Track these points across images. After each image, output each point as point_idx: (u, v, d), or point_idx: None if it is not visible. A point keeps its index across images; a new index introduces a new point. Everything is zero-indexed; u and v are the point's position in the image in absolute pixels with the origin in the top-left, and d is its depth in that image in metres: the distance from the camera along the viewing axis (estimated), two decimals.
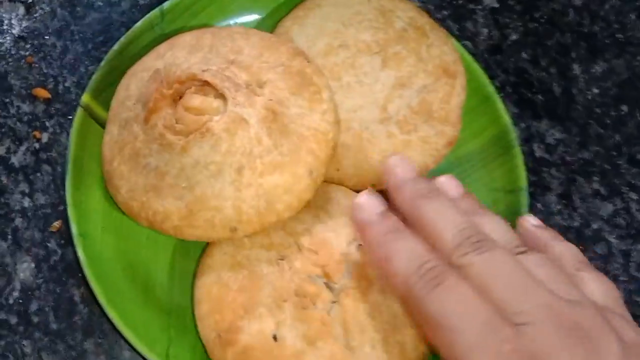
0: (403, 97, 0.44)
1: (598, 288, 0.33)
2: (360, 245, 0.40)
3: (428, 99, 0.44)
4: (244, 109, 0.38)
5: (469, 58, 0.47)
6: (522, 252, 0.33)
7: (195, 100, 0.37)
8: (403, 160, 0.36)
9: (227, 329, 0.38)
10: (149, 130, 0.38)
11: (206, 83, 0.38)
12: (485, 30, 0.53)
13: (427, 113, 0.44)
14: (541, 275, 0.31)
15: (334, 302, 0.38)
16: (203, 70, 0.38)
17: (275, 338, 0.37)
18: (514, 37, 0.53)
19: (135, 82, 0.41)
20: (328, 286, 0.39)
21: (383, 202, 0.36)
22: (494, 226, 0.34)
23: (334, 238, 0.40)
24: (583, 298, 0.31)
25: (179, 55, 0.41)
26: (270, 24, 0.48)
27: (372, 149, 0.43)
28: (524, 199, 0.45)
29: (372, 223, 0.35)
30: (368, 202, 0.35)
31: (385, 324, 0.38)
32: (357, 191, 0.43)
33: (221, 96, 0.38)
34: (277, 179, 0.37)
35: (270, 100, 0.39)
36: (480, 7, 0.54)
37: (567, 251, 0.35)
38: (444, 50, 0.46)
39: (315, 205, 0.41)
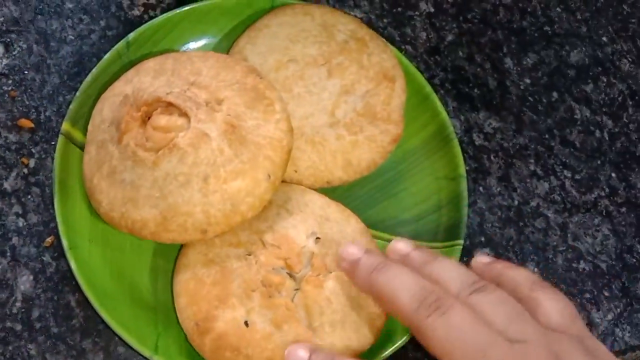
0: (348, 102, 0.50)
1: (554, 307, 0.35)
2: (318, 238, 0.46)
3: (371, 102, 0.50)
4: (206, 125, 0.43)
5: (407, 62, 0.53)
6: (478, 290, 0.35)
7: (162, 120, 0.43)
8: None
9: (204, 318, 0.43)
10: (122, 149, 0.43)
11: (170, 104, 0.43)
12: (423, 34, 0.58)
13: (371, 115, 0.50)
14: (498, 315, 0.34)
15: (296, 289, 0.44)
16: (167, 93, 0.44)
17: (246, 324, 0.43)
18: (450, 38, 0.59)
19: (108, 107, 0.46)
20: (290, 276, 0.44)
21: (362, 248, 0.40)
22: (447, 271, 0.37)
23: (294, 233, 0.45)
24: (534, 334, 0.33)
25: (145, 80, 0.46)
26: (226, 46, 0.53)
27: (324, 151, 0.49)
28: (464, 185, 0.51)
29: (359, 261, 0.39)
30: (349, 249, 0.40)
31: (342, 306, 0.44)
32: (314, 189, 0.48)
33: (185, 115, 0.43)
34: (240, 184, 0.43)
35: (229, 115, 0.44)
36: (417, 13, 0.59)
37: (519, 275, 0.37)
38: (383, 57, 0.51)
39: (277, 204, 0.47)
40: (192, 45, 0.52)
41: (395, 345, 0.45)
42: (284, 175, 0.45)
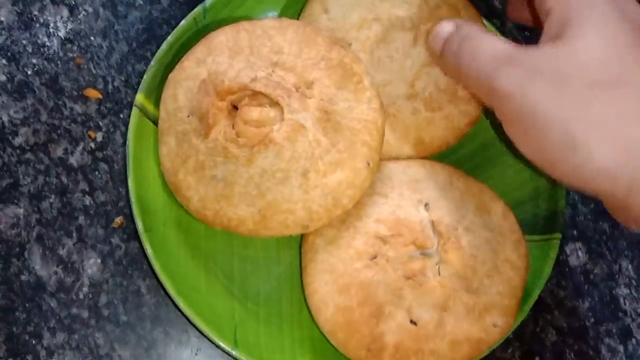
0: (431, 75, 0.45)
1: None
2: (427, 204, 0.42)
3: None
4: (300, 114, 0.39)
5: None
6: None
7: (254, 113, 0.39)
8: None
9: (372, 340, 0.40)
10: (210, 144, 0.40)
11: (259, 93, 0.39)
12: None
13: (452, 92, 0.45)
14: None
15: (438, 264, 0.41)
16: (252, 79, 0.40)
17: (414, 322, 0.40)
18: None
19: (182, 93, 0.42)
20: (426, 254, 0.41)
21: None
22: None
23: (404, 213, 0.42)
24: None
25: (221, 60, 0.42)
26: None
27: (397, 124, 0.45)
28: None
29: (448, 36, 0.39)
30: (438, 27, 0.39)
31: (486, 253, 0.42)
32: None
33: (276, 104, 0.39)
34: (340, 176, 0.39)
35: (322, 100, 0.40)
36: None
37: None
38: None
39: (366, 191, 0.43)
40: (271, 13, 0.48)
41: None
42: None
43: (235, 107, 0.41)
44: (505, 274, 0.42)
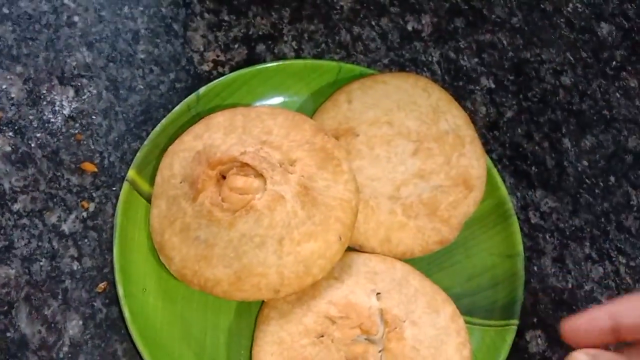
0: (418, 186, 0.49)
1: None
2: (379, 293, 0.45)
3: (439, 198, 0.49)
4: (281, 187, 0.43)
5: (495, 175, 0.52)
6: None
7: (239, 181, 0.43)
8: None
9: None
10: (197, 207, 0.43)
11: (246, 164, 0.43)
12: (483, 109, 0.59)
13: (432, 208, 0.49)
14: None
15: (380, 351, 0.43)
16: (241, 153, 0.44)
17: None
18: (509, 114, 0.59)
19: (178, 162, 0.46)
20: (370, 340, 0.44)
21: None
22: None
23: (355, 298, 0.45)
24: None
25: (216, 137, 0.46)
26: (290, 104, 0.53)
27: (371, 216, 0.48)
28: (521, 263, 0.50)
29: None
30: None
31: (429, 347, 0.44)
32: (349, 249, 0.48)
33: (260, 176, 0.43)
34: (313, 246, 0.43)
35: (302, 176, 0.44)
36: (478, 87, 0.59)
37: None
38: (472, 164, 0.51)
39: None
40: (259, 102, 0.52)
41: None
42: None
43: (224, 177, 0.45)
44: None
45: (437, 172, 0.50)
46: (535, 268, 0.54)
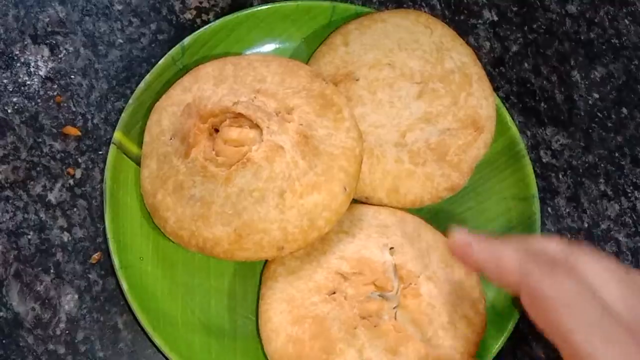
0: (424, 131, 0.46)
1: None
2: (392, 248, 0.43)
3: (447, 142, 0.46)
4: (279, 136, 0.40)
5: (505, 115, 0.49)
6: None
7: (233, 133, 0.40)
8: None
9: None
10: (190, 164, 0.40)
11: (240, 115, 0.40)
12: (487, 44, 0.55)
13: (441, 153, 0.46)
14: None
15: (395, 307, 0.41)
16: (234, 103, 0.41)
17: None
18: (514, 48, 0.56)
19: (167, 117, 0.43)
20: (384, 297, 0.41)
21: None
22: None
23: (368, 253, 0.42)
24: None
25: (206, 88, 0.43)
26: (282, 51, 0.49)
27: (377, 166, 0.45)
28: (536, 206, 0.48)
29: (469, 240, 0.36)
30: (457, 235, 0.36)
31: (445, 304, 0.42)
32: (355, 201, 0.45)
33: (256, 126, 0.40)
34: (316, 198, 0.40)
35: (301, 125, 0.41)
36: (481, 21, 0.56)
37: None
38: (481, 103, 0.47)
39: (334, 229, 0.43)
40: (249, 51, 0.49)
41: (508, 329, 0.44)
42: None
43: (217, 130, 0.41)
44: (461, 330, 0.42)
45: (444, 115, 0.46)
46: (550, 209, 0.51)
